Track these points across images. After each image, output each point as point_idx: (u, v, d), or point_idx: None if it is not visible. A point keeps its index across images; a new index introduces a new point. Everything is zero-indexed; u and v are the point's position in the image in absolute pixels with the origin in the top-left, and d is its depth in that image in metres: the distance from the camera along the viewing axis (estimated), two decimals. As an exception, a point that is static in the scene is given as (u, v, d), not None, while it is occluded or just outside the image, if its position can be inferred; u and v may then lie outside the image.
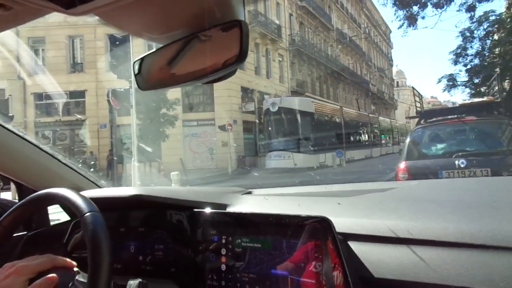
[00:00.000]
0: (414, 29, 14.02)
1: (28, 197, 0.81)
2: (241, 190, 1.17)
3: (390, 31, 58.46)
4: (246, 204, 0.98)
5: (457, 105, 7.00)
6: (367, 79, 43.11)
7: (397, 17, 13.86)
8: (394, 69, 69.28)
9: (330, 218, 0.70)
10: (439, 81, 16.28)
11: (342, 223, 0.74)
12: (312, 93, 27.02)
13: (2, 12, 0.46)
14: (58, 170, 1.17)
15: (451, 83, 17.78)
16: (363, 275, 0.68)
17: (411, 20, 13.53)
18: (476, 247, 0.63)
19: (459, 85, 17.33)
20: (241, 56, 0.54)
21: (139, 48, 8.48)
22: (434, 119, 5.35)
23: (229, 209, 0.93)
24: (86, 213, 0.70)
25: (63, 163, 1.18)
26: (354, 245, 0.72)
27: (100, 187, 1.25)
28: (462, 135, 4.89)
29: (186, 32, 0.56)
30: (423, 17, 13.64)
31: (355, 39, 39.43)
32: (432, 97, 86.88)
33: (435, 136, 5.13)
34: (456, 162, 4.34)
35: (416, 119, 6.14)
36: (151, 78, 0.67)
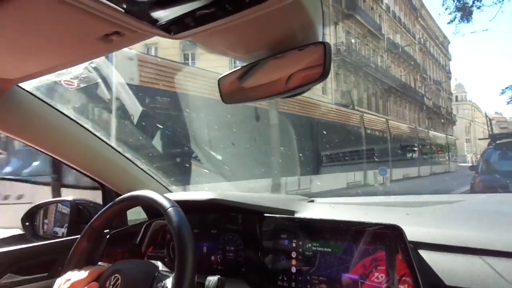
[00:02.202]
0: (468, 22, 12.22)
1: (117, 199, 0.91)
2: (305, 198, 1.21)
3: (449, 42, 54.76)
4: (313, 211, 1.03)
5: None
6: (421, 92, 40.15)
7: (446, 8, 11.83)
8: (453, 83, 64.64)
9: (400, 224, 0.72)
10: (503, 92, 14.19)
11: (412, 232, 0.75)
12: (359, 105, 25.26)
13: (116, 38, 0.55)
14: (137, 174, 1.26)
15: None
16: (434, 283, 0.70)
17: (464, 13, 11.22)
18: None
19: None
20: (324, 74, 0.58)
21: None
22: (504, 140, 6.28)
23: (298, 215, 0.97)
24: (169, 207, 0.77)
25: (140, 168, 1.27)
26: (424, 254, 0.74)
27: (171, 192, 1.33)
28: None
29: (269, 52, 0.61)
30: (479, 7, 11.48)
31: (408, 50, 36.99)
32: (496, 112, 79.83)
33: (505, 155, 6.05)
34: None
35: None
36: (234, 92, 0.72)
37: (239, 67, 0.68)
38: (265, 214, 0.97)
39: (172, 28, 0.53)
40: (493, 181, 5.65)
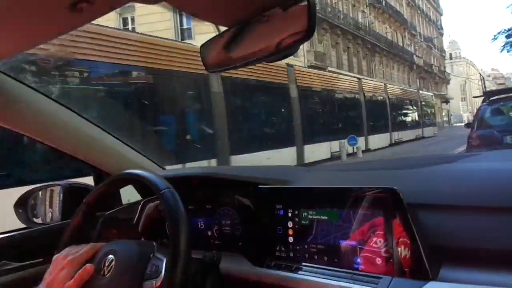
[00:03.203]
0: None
1: (109, 177, 0.93)
2: (301, 167, 1.22)
3: (439, -5, 51.34)
4: (308, 180, 1.03)
5: None
6: (410, 50, 37.35)
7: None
8: (446, 39, 61.59)
9: (398, 187, 0.73)
10: (495, 38, 12.52)
11: (410, 194, 0.75)
12: (339, 67, 22.68)
13: (86, 6, 0.51)
14: (128, 154, 1.25)
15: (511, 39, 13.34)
16: (435, 244, 0.70)
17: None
18: None
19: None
20: (310, 32, 0.55)
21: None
22: (496, 97, 6.80)
23: (292, 185, 0.97)
24: (163, 189, 0.77)
25: (131, 147, 1.26)
26: (423, 216, 0.73)
27: (164, 169, 1.33)
28: None
29: (251, 13, 0.59)
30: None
31: (395, 4, 33.96)
32: (493, 69, 77.81)
33: (498, 110, 6.62)
34: None
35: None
36: (217, 59, 0.70)
37: (221, 33, 0.65)
38: (259, 186, 0.96)
39: None
40: (488, 135, 6.14)
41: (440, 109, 50.93)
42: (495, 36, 13.73)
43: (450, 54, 67.14)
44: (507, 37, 13.16)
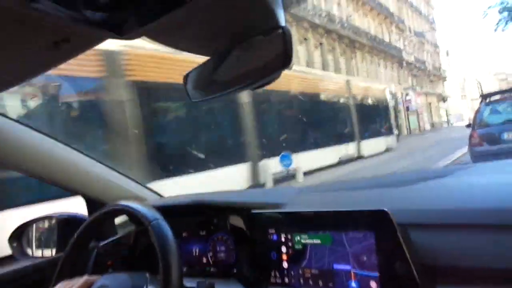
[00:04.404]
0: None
1: (100, 210, 0.92)
2: (295, 188, 1.20)
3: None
4: (301, 202, 1.04)
5: None
6: (398, 46, 34.08)
7: None
8: (439, 35, 58.37)
9: (389, 209, 0.74)
10: (486, 14, 11.23)
11: (401, 214, 0.76)
12: (309, 65, 19.51)
13: (64, 45, 0.53)
14: (120, 182, 1.27)
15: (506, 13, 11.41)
16: (427, 264, 0.71)
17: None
18: None
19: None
20: (286, 61, 0.57)
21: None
22: (493, 98, 7.64)
23: (286, 208, 0.98)
24: (152, 221, 0.79)
25: (123, 175, 1.28)
26: (415, 235, 0.75)
27: (160, 196, 1.36)
28: None
29: (230, 43, 0.61)
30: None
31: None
32: (495, 74, 75.16)
33: (495, 110, 7.28)
34: None
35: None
36: (200, 89, 0.72)
37: (203, 63, 0.67)
38: (252, 211, 0.97)
39: (123, 28, 0.52)
40: (487, 133, 6.85)
41: (437, 108, 47.60)
42: (485, 12, 11.60)
43: (447, 51, 63.74)
44: (500, 11, 10.84)
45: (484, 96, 7.91)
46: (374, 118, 16.41)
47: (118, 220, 1.23)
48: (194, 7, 0.48)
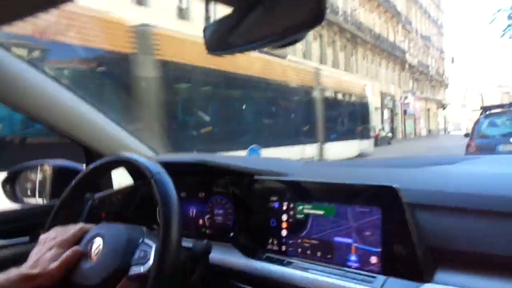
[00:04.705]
0: None
1: (102, 159, 0.90)
2: (299, 161, 1.19)
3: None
4: (305, 173, 1.02)
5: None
6: (403, 47, 33.03)
7: None
8: (445, 40, 57.42)
9: (397, 186, 0.74)
10: (495, 18, 11.32)
11: (409, 193, 0.75)
12: (306, 57, 18.58)
13: None
14: (122, 137, 1.26)
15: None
16: (431, 246, 0.71)
17: None
18: None
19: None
20: (318, 18, 0.52)
21: None
22: (492, 111, 8.30)
23: (289, 177, 0.96)
24: (155, 174, 0.77)
25: (125, 130, 1.27)
26: (422, 216, 0.74)
27: (158, 154, 1.34)
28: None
29: None
30: None
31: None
32: (499, 86, 75.20)
33: (493, 122, 7.83)
34: (510, 139, 7.04)
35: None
36: (219, 42, 0.67)
37: (226, 15, 0.63)
38: (255, 176, 0.97)
39: None
40: (484, 144, 7.32)
41: (435, 114, 46.82)
42: (494, 15, 11.01)
43: (452, 58, 62.70)
44: (510, 17, 10.08)
45: (484, 108, 8.58)
46: (348, 117, 13.53)
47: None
48: None
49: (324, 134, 11.41)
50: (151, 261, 0.72)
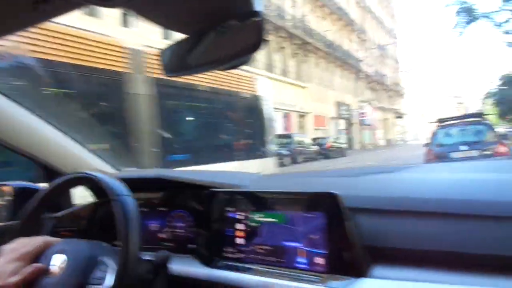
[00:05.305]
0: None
1: (63, 177, 0.91)
2: (255, 174, 1.26)
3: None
4: (259, 184, 1.09)
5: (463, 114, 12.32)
6: (357, 56, 32.16)
7: None
8: (401, 51, 58.44)
9: (340, 193, 0.82)
10: (447, 14, 10.65)
11: (350, 199, 0.83)
12: (252, 65, 16.65)
13: (43, 6, 0.54)
14: (81, 154, 1.26)
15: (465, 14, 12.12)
16: (369, 246, 0.78)
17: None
18: (462, 216, 0.74)
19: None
20: (257, 45, 0.61)
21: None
22: (447, 122, 9.50)
23: (244, 189, 1.03)
24: (119, 195, 0.79)
25: (85, 147, 1.28)
26: (360, 218, 0.81)
27: (119, 171, 1.35)
28: (465, 131, 8.78)
29: (208, 23, 0.63)
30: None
31: (340, 2, 28.80)
32: (454, 96, 78.38)
33: (448, 133, 8.98)
34: (461, 147, 8.19)
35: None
36: (176, 65, 0.74)
37: (180, 40, 0.69)
38: (212, 189, 1.02)
39: None
40: (439, 152, 8.43)
41: (393, 124, 46.58)
42: (444, 10, 10.10)
43: (409, 68, 63.70)
44: (458, 13, 9.53)
45: (440, 120, 9.70)
46: (215, 126, 8.29)
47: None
48: None
49: (163, 151, 6.69)
50: (109, 281, 0.74)
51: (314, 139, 22.17)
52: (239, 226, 0.93)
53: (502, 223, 0.69)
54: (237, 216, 0.94)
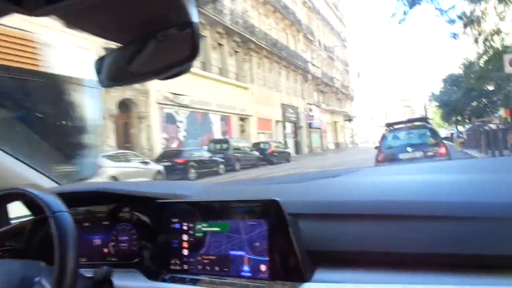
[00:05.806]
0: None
1: None
2: (200, 183, 1.28)
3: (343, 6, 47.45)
4: (204, 194, 1.11)
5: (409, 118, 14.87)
6: (304, 57, 30.99)
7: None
8: (350, 54, 58.86)
9: (282, 200, 0.83)
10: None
11: (292, 205, 0.85)
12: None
13: None
14: (16, 168, 1.22)
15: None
16: (310, 250, 0.80)
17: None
18: (401, 217, 0.78)
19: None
20: (193, 54, 0.62)
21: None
22: (395, 126, 10.49)
23: (189, 199, 1.04)
24: (55, 211, 0.76)
25: (20, 160, 1.24)
26: (302, 224, 0.84)
27: (59, 184, 1.33)
28: (411, 134, 9.54)
29: (144, 32, 0.63)
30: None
31: (286, 1, 27.50)
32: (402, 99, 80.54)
33: (396, 136, 9.76)
34: (407, 149, 8.82)
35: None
36: (111, 75, 0.73)
37: (116, 49, 0.67)
38: (156, 201, 1.02)
39: (29, 3, 0.49)
40: (389, 153, 9.03)
41: (342, 127, 46.25)
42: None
43: (359, 72, 64.45)
44: None
45: (388, 124, 10.71)
46: None
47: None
48: None
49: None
50: None
51: (255, 144, 20.72)
52: (185, 237, 0.95)
53: (439, 223, 0.73)
54: (183, 227, 0.95)
